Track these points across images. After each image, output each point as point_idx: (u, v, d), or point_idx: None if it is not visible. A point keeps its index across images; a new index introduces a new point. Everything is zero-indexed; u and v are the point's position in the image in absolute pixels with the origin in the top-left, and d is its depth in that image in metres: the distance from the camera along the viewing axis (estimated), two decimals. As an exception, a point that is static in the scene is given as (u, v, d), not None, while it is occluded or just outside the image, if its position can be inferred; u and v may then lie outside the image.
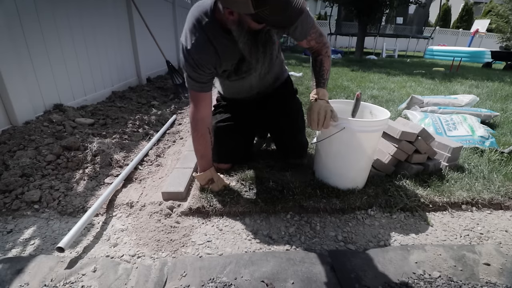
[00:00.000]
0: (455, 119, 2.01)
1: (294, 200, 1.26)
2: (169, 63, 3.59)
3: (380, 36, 11.88)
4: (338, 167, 1.33)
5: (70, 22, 2.32)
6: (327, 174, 1.38)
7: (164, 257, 1.00)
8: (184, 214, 1.23)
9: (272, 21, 0.85)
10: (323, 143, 1.32)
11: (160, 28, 4.34)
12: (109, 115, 2.28)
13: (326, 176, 1.38)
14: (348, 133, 1.20)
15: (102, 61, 2.84)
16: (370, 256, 1.01)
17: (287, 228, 1.16)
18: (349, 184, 1.33)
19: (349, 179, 1.33)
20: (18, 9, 1.82)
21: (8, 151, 1.50)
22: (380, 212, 1.26)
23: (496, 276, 0.94)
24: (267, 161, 1.64)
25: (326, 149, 1.34)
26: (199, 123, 1.22)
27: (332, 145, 1.30)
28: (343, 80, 4.51)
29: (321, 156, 1.39)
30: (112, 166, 1.58)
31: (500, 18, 12.59)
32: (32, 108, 1.93)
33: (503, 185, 1.42)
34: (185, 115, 2.70)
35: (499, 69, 7.80)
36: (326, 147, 1.34)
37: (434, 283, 0.90)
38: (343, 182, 1.34)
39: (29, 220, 1.18)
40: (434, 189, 1.36)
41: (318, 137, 1.37)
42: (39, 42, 2.01)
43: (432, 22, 18.95)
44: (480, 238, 1.15)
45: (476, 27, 13.53)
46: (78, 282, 0.88)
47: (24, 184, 1.32)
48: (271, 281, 0.89)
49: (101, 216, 1.22)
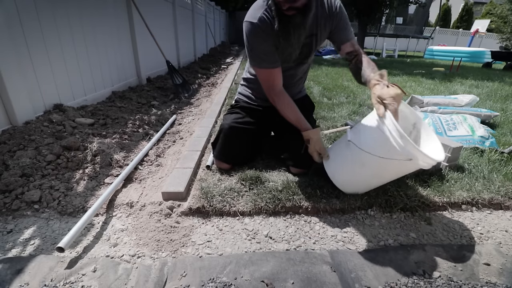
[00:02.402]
0: (455, 119, 2.01)
1: (294, 200, 1.26)
2: (169, 63, 3.59)
3: (380, 36, 11.89)
4: (356, 180, 1.24)
5: (70, 21, 2.32)
6: (339, 178, 1.27)
7: (164, 257, 1.00)
8: (184, 214, 1.23)
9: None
10: (356, 156, 1.15)
11: (160, 28, 4.34)
12: (109, 115, 2.28)
13: (337, 179, 1.27)
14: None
15: (102, 61, 2.84)
16: (370, 256, 1.01)
17: (287, 228, 1.16)
18: (353, 191, 1.31)
19: (359, 190, 1.29)
20: (18, 8, 1.82)
21: (8, 151, 1.50)
22: (380, 212, 1.26)
23: (496, 276, 0.94)
24: (267, 161, 1.64)
25: (355, 160, 1.18)
26: (281, 95, 1.33)
27: (365, 165, 1.13)
28: (343, 80, 4.51)
29: (345, 163, 1.23)
30: (112, 166, 1.58)
31: (498, 18, 12.60)
32: (32, 108, 1.93)
33: (503, 185, 1.42)
34: (185, 115, 2.70)
35: (499, 69, 7.81)
36: (355, 161, 1.17)
37: (434, 283, 0.90)
38: (350, 190, 1.29)
39: (29, 220, 1.18)
40: (434, 189, 1.36)
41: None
42: (39, 42, 2.01)
43: (432, 22, 18.96)
44: (480, 238, 1.15)
45: (476, 27, 13.53)
46: (78, 282, 0.88)
47: (24, 184, 1.32)
48: (271, 281, 0.89)
49: (101, 216, 1.22)
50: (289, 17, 1.12)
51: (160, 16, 4.43)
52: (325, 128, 2.20)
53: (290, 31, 1.17)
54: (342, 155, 1.25)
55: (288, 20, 1.13)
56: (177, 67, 5.02)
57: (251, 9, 1.26)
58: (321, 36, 1.34)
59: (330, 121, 2.35)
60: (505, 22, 12.34)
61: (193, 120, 2.53)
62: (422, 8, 11.23)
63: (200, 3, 7.94)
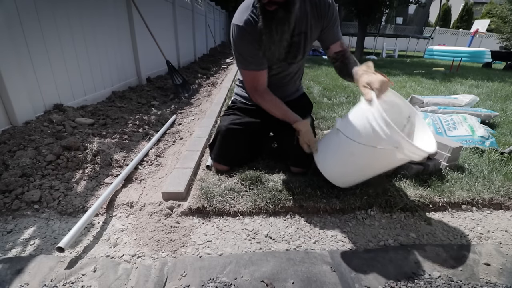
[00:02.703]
0: (455, 119, 2.01)
1: (294, 200, 1.26)
2: (169, 63, 3.59)
3: (380, 36, 11.89)
4: (345, 172, 1.21)
5: (70, 21, 2.32)
6: (329, 169, 1.23)
7: (164, 257, 1.00)
8: (184, 214, 1.23)
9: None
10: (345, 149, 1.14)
11: (160, 28, 4.34)
12: (109, 115, 2.28)
13: (326, 171, 1.23)
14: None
15: (102, 60, 2.84)
16: (370, 256, 1.01)
17: (287, 228, 1.16)
18: (343, 183, 1.28)
19: (350, 181, 1.28)
20: (18, 8, 1.82)
21: (8, 151, 1.50)
22: (380, 212, 1.26)
23: (496, 276, 0.94)
24: (267, 161, 1.64)
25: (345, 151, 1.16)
26: (264, 94, 1.34)
27: (355, 154, 1.11)
28: (343, 80, 4.50)
29: (335, 154, 1.20)
30: (112, 166, 1.58)
31: (498, 18, 12.60)
32: (32, 108, 1.93)
33: (503, 185, 1.42)
34: (185, 115, 2.70)
35: (499, 69, 7.80)
36: (345, 152, 1.15)
37: (434, 283, 0.90)
38: (339, 182, 1.26)
39: (29, 220, 1.18)
40: (434, 189, 1.36)
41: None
42: (39, 42, 2.01)
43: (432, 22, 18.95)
44: (480, 238, 1.15)
45: (476, 27, 13.53)
46: (78, 282, 0.88)
47: (24, 184, 1.32)
48: (271, 281, 0.89)
49: (101, 216, 1.22)
50: (272, 13, 1.10)
51: (160, 16, 4.42)
52: (325, 128, 2.20)
53: (272, 27, 1.14)
54: (331, 146, 1.22)
55: (271, 16, 1.11)
56: (177, 67, 5.02)
57: (238, 11, 1.25)
58: (311, 35, 1.31)
59: (330, 121, 2.35)
60: (505, 22, 12.34)
61: (193, 120, 2.53)
62: (422, 8, 11.23)
63: (200, 3, 7.95)
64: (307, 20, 1.27)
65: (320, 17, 1.28)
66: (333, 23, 1.30)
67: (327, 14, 1.27)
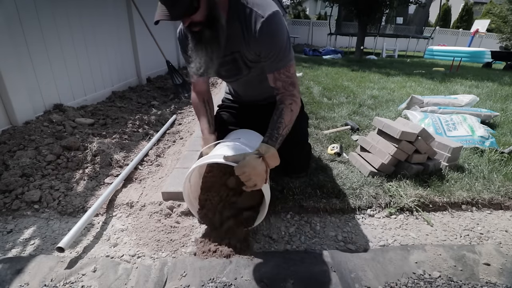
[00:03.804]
0: (455, 119, 2.01)
1: (294, 200, 1.26)
2: (169, 63, 3.59)
3: (380, 36, 11.87)
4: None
5: (69, 21, 2.32)
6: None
7: (164, 257, 1.00)
8: (184, 214, 1.23)
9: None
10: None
11: (160, 28, 4.33)
12: (109, 115, 2.28)
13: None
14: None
15: (102, 60, 2.84)
16: (370, 256, 1.01)
17: (287, 228, 1.16)
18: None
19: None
20: (18, 7, 1.82)
21: (8, 151, 1.50)
22: (380, 212, 1.26)
23: (496, 276, 0.94)
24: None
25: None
26: (195, 103, 1.29)
27: None
28: (343, 80, 4.51)
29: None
30: (112, 166, 1.58)
31: (498, 18, 12.60)
32: (32, 108, 1.93)
33: (503, 185, 1.42)
34: (185, 115, 2.70)
35: (499, 69, 7.80)
36: None
37: (434, 283, 0.90)
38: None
39: (29, 220, 1.18)
40: (434, 189, 1.36)
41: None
42: (39, 41, 2.01)
43: (432, 22, 18.95)
44: (480, 238, 1.15)
45: (476, 27, 13.53)
46: (78, 282, 0.88)
47: (24, 184, 1.32)
48: (271, 281, 0.89)
49: (101, 216, 1.22)
50: (199, 34, 1.01)
51: (160, 16, 4.41)
52: (325, 128, 2.20)
53: (201, 47, 1.03)
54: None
55: (199, 37, 1.01)
56: (177, 67, 5.01)
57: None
58: (247, 54, 1.12)
59: (330, 121, 2.35)
60: (505, 22, 12.33)
61: (193, 120, 2.53)
62: (422, 8, 11.22)
63: (200, 3, 7.93)
64: (244, 38, 1.08)
65: (251, 40, 1.06)
66: (266, 51, 1.05)
67: (255, 39, 1.04)
